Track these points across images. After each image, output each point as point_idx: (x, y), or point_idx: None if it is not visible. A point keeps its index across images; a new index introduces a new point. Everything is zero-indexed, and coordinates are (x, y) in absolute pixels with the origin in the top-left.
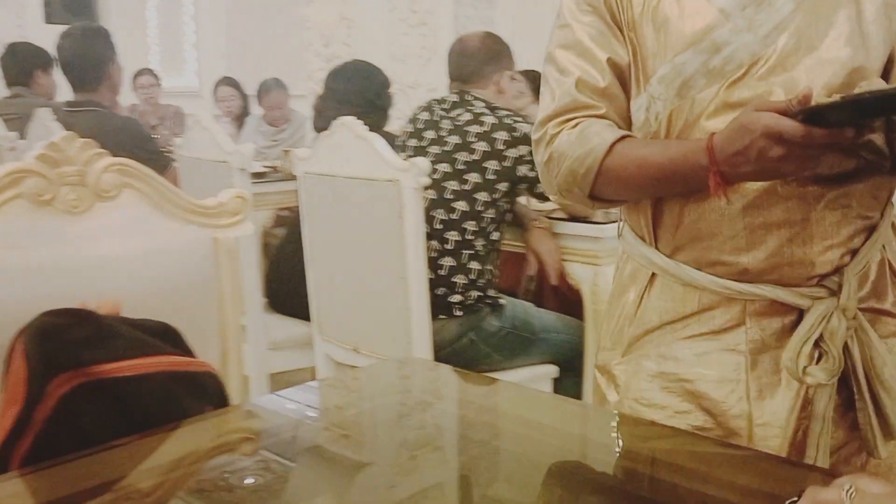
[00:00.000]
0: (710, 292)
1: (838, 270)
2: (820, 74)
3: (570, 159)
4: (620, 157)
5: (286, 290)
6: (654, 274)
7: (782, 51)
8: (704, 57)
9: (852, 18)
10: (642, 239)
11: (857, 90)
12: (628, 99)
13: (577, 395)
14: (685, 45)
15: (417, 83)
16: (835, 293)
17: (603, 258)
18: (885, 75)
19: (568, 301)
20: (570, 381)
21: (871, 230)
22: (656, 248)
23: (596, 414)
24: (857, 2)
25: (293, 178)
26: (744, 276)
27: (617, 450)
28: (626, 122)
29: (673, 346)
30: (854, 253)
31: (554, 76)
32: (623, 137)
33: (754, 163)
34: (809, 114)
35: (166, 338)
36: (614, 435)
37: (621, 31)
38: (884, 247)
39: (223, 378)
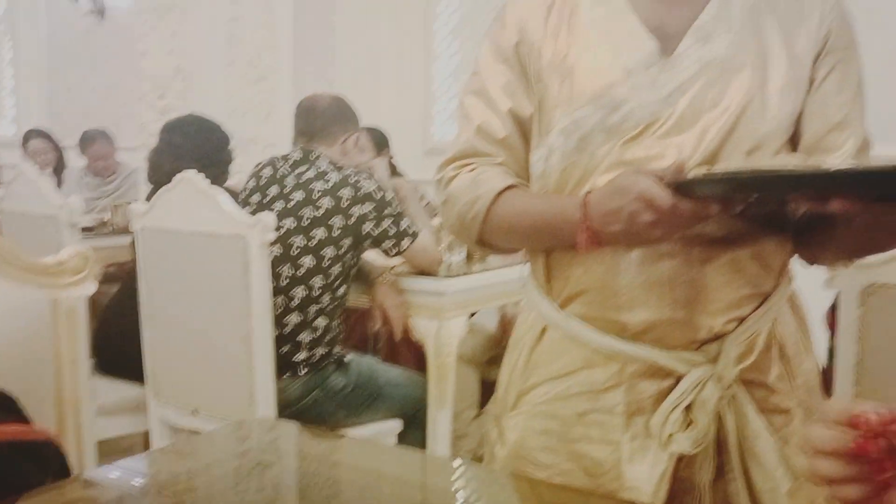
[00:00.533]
0: (593, 350)
1: (721, 337)
2: (696, 143)
3: (460, 203)
4: (505, 205)
5: (116, 350)
6: (545, 326)
7: (681, 113)
8: (604, 113)
9: (755, 86)
10: (540, 288)
11: (732, 167)
12: (528, 150)
13: (422, 448)
14: (587, 99)
15: (256, 138)
16: (713, 360)
17: (447, 312)
18: (794, 147)
19: (413, 355)
20: (414, 434)
21: (761, 300)
22: (550, 298)
23: (436, 463)
24: (764, 69)
25: (124, 232)
26: (625, 333)
27: (460, 500)
28: (525, 172)
29: (556, 403)
30: (741, 321)
31: (460, 121)
32: (511, 187)
33: (625, 224)
34: (680, 185)
35: (1, 406)
36: (456, 484)
37: (530, 82)
38: (775, 320)
39: (63, 447)
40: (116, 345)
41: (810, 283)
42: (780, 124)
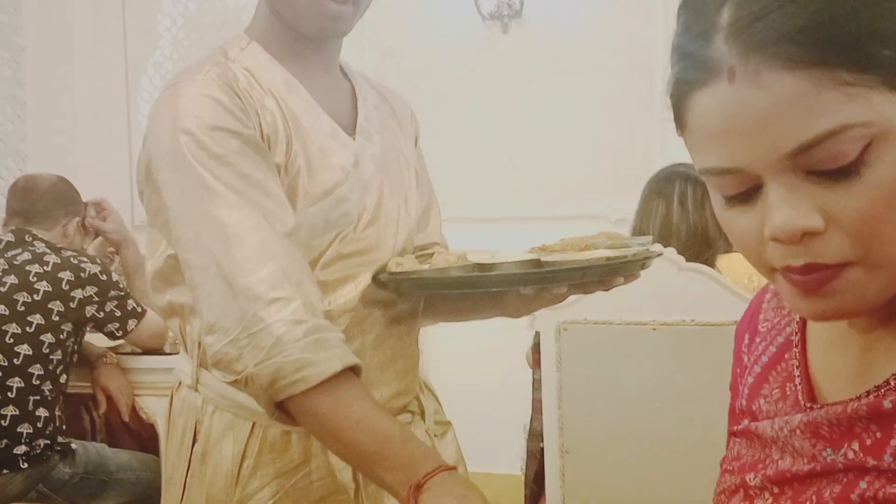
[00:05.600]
0: None
1: (416, 396)
2: (394, 232)
3: (283, 354)
4: (339, 397)
5: None
6: (254, 424)
7: (373, 207)
8: (328, 210)
9: (413, 185)
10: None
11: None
12: None
13: None
14: (314, 199)
15: None
16: (416, 415)
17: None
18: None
19: (135, 438)
20: None
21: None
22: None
23: None
24: (412, 169)
25: None
26: None
27: None
28: None
29: (289, 498)
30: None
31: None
32: (353, 368)
33: None
34: (382, 281)
35: None
36: None
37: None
38: None
39: None
40: None
41: (514, 324)
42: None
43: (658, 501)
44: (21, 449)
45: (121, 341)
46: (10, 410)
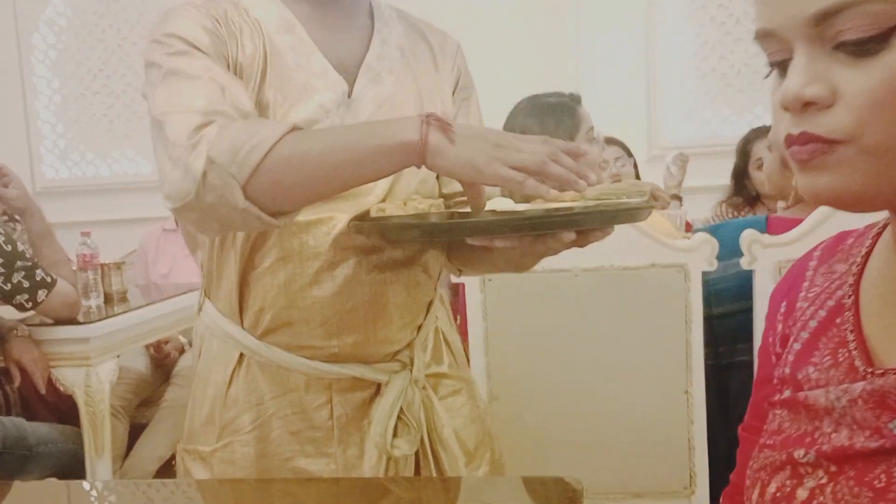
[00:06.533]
0: (299, 373)
1: (409, 345)
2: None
3: (228, 151)
4: (297, 143)
5: None
6: (242, 353)
7: None
8: None
9: None
10: (229, 318)
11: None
12: None
13: None
14: None
15: None
16: (406, 366)
17: (94, 358)
18: None
19: (52, 410)
20: None
21: (429, 305)
22: (244, 328)
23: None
24: (422, 108)
25: None
26: (333, 358)
27: None
28: None
29: (267, 427)
30: (419, 328)
31: (185, 82)
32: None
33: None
34: (353, 227)
35: None
36: None
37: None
38: (437, 316)
39: None
40: None
41: None
42: None
43: (583, 441)
44: None
45: (31, 313)
46: None
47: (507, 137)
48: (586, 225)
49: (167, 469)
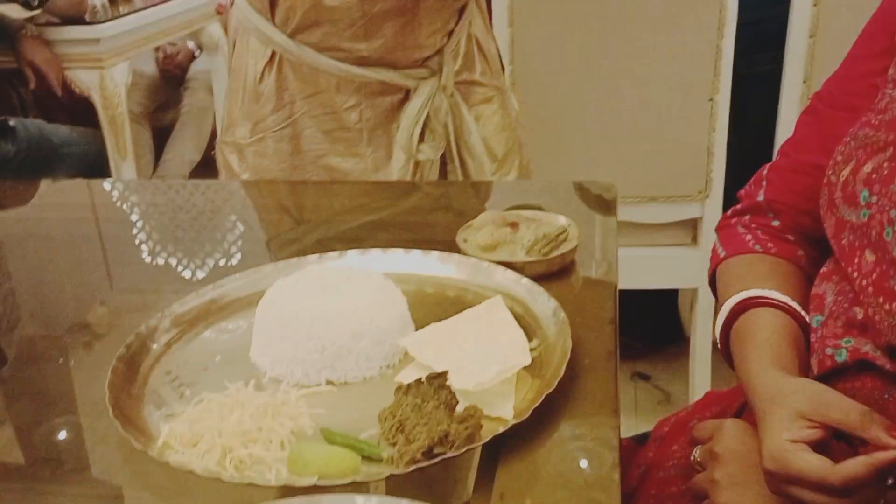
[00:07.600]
0: (329, 74)
1: (439, 52)
2: None
3: None
4: None
5: None
6: (274, 52)
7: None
8: None
9: None
10: (261, 15)
11: None
12: None
13: None
14: None
15: None
16: (435, 73)
17: (107, 60)
18: None
19: (78, 111)
20: None
21: (461, 11)
22: (275, 25)
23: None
24: None
25: None
26: (362, 62)
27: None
28: None
29: (299, 125)
30: (451, 34)
31: None
32: None
33: None
34: None
35: None
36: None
37: None
38: (470, 22)
39: None
40: None
41: None
42: None
43: (605, 147)
44: None
45: (38, 11)
46: None
47: None
48: None
49: (200, 172)
